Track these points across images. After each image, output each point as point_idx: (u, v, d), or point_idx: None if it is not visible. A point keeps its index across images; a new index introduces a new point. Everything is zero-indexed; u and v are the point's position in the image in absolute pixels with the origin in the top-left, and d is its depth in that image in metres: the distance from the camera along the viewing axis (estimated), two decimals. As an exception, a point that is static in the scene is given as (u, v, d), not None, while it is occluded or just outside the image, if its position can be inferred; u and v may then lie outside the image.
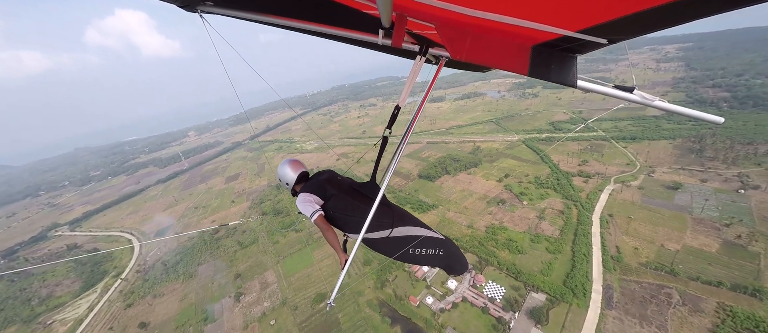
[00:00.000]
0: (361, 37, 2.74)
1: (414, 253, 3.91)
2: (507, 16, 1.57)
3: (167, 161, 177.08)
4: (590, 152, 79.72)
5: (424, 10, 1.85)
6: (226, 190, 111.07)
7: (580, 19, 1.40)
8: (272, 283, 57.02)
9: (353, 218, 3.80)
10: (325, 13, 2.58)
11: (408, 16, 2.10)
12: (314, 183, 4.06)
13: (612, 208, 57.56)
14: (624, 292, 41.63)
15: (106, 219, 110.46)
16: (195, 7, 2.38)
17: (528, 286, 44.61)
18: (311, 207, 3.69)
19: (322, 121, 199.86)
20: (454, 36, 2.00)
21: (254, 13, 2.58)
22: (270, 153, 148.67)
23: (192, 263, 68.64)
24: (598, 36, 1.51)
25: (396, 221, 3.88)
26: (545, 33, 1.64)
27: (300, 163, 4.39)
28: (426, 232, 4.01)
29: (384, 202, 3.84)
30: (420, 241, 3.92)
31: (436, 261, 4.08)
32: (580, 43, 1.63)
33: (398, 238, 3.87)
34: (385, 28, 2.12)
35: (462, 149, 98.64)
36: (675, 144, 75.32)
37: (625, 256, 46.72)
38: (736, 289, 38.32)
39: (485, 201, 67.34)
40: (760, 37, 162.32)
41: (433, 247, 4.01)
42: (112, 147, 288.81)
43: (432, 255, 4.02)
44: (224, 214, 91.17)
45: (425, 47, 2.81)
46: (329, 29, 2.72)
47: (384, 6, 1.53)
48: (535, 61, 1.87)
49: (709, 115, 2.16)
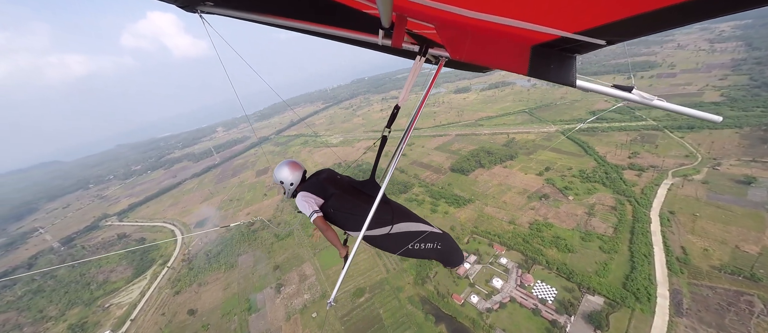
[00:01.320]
0: (361, 38, 2.73)
1: (414, 247, 3.97)
2: (506, 18, 1.58)
3: (200, 156, 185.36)
4: (640, 143, 73.53)
5: (424, 11, 1.86)
6: (258, 184, 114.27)
7: (578, 22, 1.42)
8: (310, 276, 57.80)
9: (354, 217, 3.85)
10: (325, 14, 2.57)
11: (408, 17, 2.11)
12: (314, 182, 4.15)
13: (672, 204, 52.67)
14: (695, 298, 37.90)
15: (149, 210, 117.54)
16: (195, 7, 2.36)
17: (582, 288, 41.85)
18: (310, 207, 3.79)
19: (344, 115, 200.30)
20: (453, 36, 2.01)
21: (254, 13, 2.56)
22: (296, 147, 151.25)
23: (232, 254, 71.24)
24: (597, 37, 1.54)
25: (396, 218, 3.94)
26: (544, 34, 1.66)
27: (298, 163, 4.42)
28: (425, 227, 4.08)
29: (384, 199, 3.83)
30: (418, 236, 3.98)
31: (434, 254, 4.18)
32: (579, 43, 1.65)
33: (398, 234, 3.93)
34: (385, 28, 2.11)
35: (495, 141, 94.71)
36: (742, 133, 67.58)
37: (693, 257, 42.54)
38: (837, 298, 33.66)
39: (525, 196, 64.11)
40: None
41: (431, 242, 4.06)
42: (148, 143, 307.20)
43: (431, 249, 4.08)
44: (257, 206, 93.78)
45: (425, 47, 2.82)
46: (329, 29, 2.70)
47: (384, 6, 1.54)
48: (534, 61, 1.87)
49: (707, 114, 2.14)
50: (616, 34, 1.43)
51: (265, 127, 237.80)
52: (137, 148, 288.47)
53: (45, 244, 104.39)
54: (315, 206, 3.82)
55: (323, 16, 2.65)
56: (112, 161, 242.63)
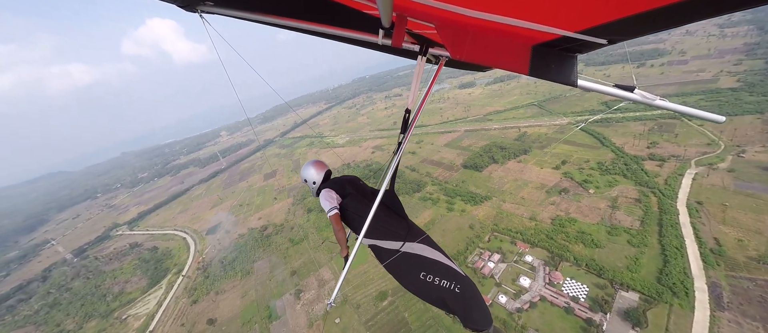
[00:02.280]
0: (361, 37, 2.72)
1: (424, 278, 3.61)
2: (507, 17, 1.58)
3: (206, 161, 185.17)
4: (659, 133, 71.96)
5: (424, 11, 1.87)
6: (267, 187, 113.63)
7: (579, 20, 1.41)
8: (329, 280, 56.95)
9: (363, 220, 3.60)
10: (325, 13, 2.58)
11: (408, 16, 2.10)
12: (336, 181, 4.28)
13: (699, 194, 51.25)
14: (735, 290, 36.62)
15: (159, 218, 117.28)
16: (195, 7, 2.36)
17: (615, 284, 40.66)
18: (329, 204, 3.84)
19: (348, 114, 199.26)
20: (454, 36, 2.01)
21: (254, 13, 2.56)
22: (302, 149, 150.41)
23: (247, 260, 70.57)
24: (598, 36, 1.53)
25: (411, 236, 3.74)
26: (545, 33, 1.66)
27: (322, 163, 4.52)
28: (444, 260, 3.74)
29: (401, 213, 3.82)
30: (433, 267, 3.64)
31: (450, 297, 3.60)
32: (579, 43, 1.64)
33: (409, 256, 3.69)
34: (385, 28, 2.11)
35: (506, 136, 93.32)
36: (765, 119, 65.85)
37: (727, 249, 41.19)
38: None
39: (544, 190, 62.84)
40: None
41: (448, 279, 3.59)
42: (153, 150, 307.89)
43: (446, 288, 3.58)
44: (269, 211, 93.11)
45: (425, 47, 2.82)
46: (329, 29, 2.71)
47: (384, 6, 1.55)
48: (535, 60, 1.87)
49: (710, 114, 2.12)
50: (617, 32, 1.43)
51: (268, 129, 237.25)
52: (142, 155, 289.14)
53: (58, 256, 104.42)
54: (334, 203, 3.84)
55: (324, 16, 2.63)
56: (118, 169, 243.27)
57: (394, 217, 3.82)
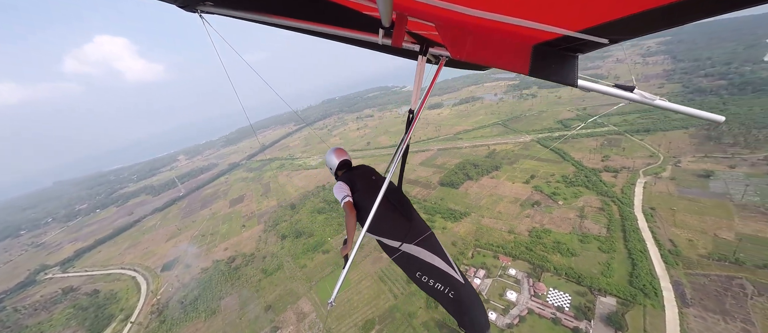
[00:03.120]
0: (361, 37, 2.73)
1: (420, 278, 3.86)
2: (508, 16, 1.58)
3: (160, 188, 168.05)
4: (609, 147, 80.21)
5: (425, 10, 1.87)
6: (233, 214, 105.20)
7: (581, 19, 1.41)
8: (310, 313, 52.52)
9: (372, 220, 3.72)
10: (325, 13, 2.58)
11: (408, 16, 2.11)
12: (348, 174, 4.38)
13: (651, 201, 57.00)
14: (695, 287, 40.17)
15: (102, 256, 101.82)
16: (195, 7, 2.36)
17: (594, 290, 42.53)
18: (341, 194, 3.97)
19: (320, 135, 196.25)
20: (454, 35, 2.01)
21: (254, 13, 2.56)
22: (272, 172, 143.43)
23: (212, 298, 62.96)
24: (600, 36, 1.53)
25: (410, 238, 3.86)
26: (546, 33, 1.66)
27: (343, 151, 4.68)
28: (441, 264, 3.90)
29: (407, 214, 3.97)
30: (430, 270, 3.85)
31: (443, 301, 3.92)
32: (581, 42, 1.64)
33: (407, 255, 3.88)
34: (386, 27, 2.12)
35: (477, 153, 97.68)
36: (690, 133, 76.83)
37: (682, 249, 45.60)
38: (809, 274, 37.56)
39: (518, 204, 65.69)
40: (736, 27, 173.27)
41: (442, 284, 3.84)
42: (94, 177, 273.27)
43: (439, 290, 3.85)
44: (236, 240, 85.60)
45: (425, 47, 2.81)
46: (329, 29, 2.72)
47: (384, 6, 1.55)
48: (535, 60, 1.87)
49: (710, 113, 2.17)
50: (618, 32, 1.43)
51: (233, 152, 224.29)
52: (81, 183, 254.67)
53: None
54: (346, 192, 3.97)
55: (324, 16, 2.61)
56: (50, 201, 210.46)
57: (398, 216, 3.93)
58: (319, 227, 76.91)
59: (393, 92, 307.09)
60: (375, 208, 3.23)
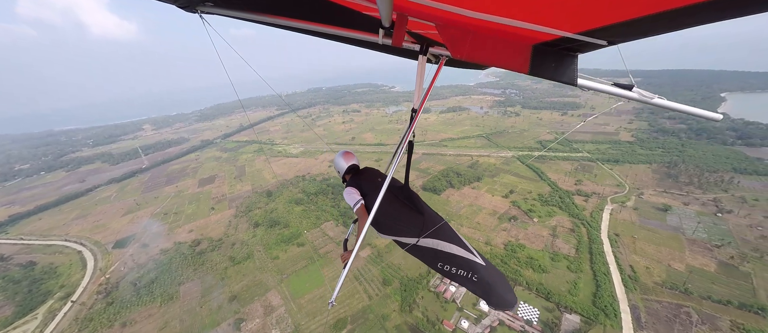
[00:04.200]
0: (361, 37, 2.74)
1: (442, 267, 3.97)
2: (507, 18, 1.60)
3: (120, 157, 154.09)
4: (582, 172, 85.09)
5: (425, 11, 1.89)
6: (202, 195, 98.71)
7: (580, 23, 1.44)
8: (278, 307, 50.25)
9: (385, 220, 3.94)
10: (325, 13, 2.58)
11: (408, 16, 2.13)
12: (355, 178, 4.39)
13: (616, 227, 61.06)
14: (649, 311, 43.41)
15: (42, 224, 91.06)
16: (195, 7, 2.39)
17: (560, 307, 44.56)
18: (353, 199, 4.02)
19: (303, 124, 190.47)
20: (454, 35, 2.03)
21: (254, 13, 2.56)
22: (248, 155, 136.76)
23: (171, 282, 58.32)
24: (598, 38, 1.57)
25: (426, 230, 3.93)
26: (545, 34, 1.69)
27: (351, 154, 4.67)
28: (459, 251, 3.98)
29: (418, 208, 4.06)
30: (449, 259, 3.94)
31: (467, 284, 4.04)
32: (580, 43, 1.67)
33: (425, 249, 3.96)
34: (386, 27, 2.14)
35: (460, 162, 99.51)
36: (653, 168, 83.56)
37: (640, 275, 49.18)
38: (743, 307, 41.97)
39: (496, 217, 67.60)
40: (699, 78, 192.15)
41: (464, 269, 3.96)
42: (42, 136, 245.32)
43: (462, 276, 3.97)
44: (203, 222, 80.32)
45: (426, 46, 2.82)
46: (330, 29, 2.72)
47: (384, 6, 1.57)
48: (535, 59, 1.90)
49: (707, 112, 2.19)
50: (617, 35, 1.47)
51: (207, 128, 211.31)
52: (25, 141, 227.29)
53: None
54: (358, 197, 3.99)
55: (324, 16, 2.62)
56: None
57: (411, 213, 4.00)
58: (296, 219, 74.20)
59: (382, 91, 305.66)
60: (376, 207, 3.22)
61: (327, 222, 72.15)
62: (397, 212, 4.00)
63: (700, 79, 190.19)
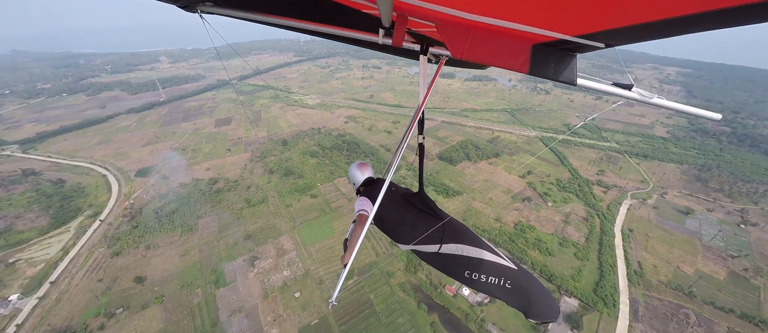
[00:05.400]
0: (361, 37, 2.80)
1: (470, 276, 3.65)
2: (505, 21, 1.63)
3: (139, 88, 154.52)
4: (606, 163, 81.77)
5: (424, 12, 1.92)
6: (218, 135, 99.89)
7: (577, 26, 1.47)
8: (290, 251, 53.00)
9: (403, 229, 3.86)
10: (325, 13, 2.61)
11: (408, 16, 2.15)
12: (370, 190, 4.23)
13: (631, 222, 60.01)
14: (648, 307, 44.20)
15: (68, 145, 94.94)
16: (195, 7, 2.41)
17: (561, 290, 45.66)
18: (358, 207, 3.87)
19: (321, 74, 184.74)
20: (454, 35, 2.05)
21: (254, 13, 2.59)
22: (264, 101, 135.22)
23: (190, 215, 61.53)
24: (596, 41, 1.61)
25: (447, 237, 3.74)
26: (545, 35, 1.73)
27: (367, 166, 4.58)
28: (487, 256, 3.68)
29: (436, 214, 3.87)
30: (478, 265, 3.63)
31: (501, 293, 3.64)
32: (578, 44, 1.72)
33: (448, 256, 3.74)
34: (386, 27, 2.17)
35: (480, 136, 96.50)
36: (682, 169, 79.54)
37: (646, 272, 49.31)
38: (744, 317, 42.25)
39: (510, 195, 66.96)
40: (750, 77, 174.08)
41: (496, 276, 3.62)
42: (62, 57, 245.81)
43: (493, 284, 3.61)
44: (219, 162, 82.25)
45: (426, 46, 2.89)
46: (330, 29, 2.74)
47: (384, 6, 1.60)
48: (535, 59, 1.91)
49: (706, 112, 2.20)
50: (614, 38, 1.50)
51: (223, 68, 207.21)
52: (45, 60, 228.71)
53: None
54: (364, 206, 3.84)
55: (324, 16, 2.64)
56: (7, 71, 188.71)
57: (429, 219, 3.83)
58: (310, 170, 75.10)
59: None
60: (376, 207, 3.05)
61: (340, 177, 72.89)
62: (415, 219, 3.83)
63: (755, 78, 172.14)
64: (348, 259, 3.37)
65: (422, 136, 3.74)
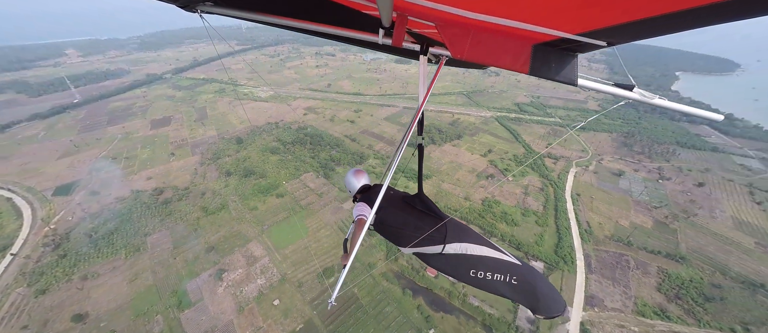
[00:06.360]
0: (361, 37, 2.81)
1: (476, 275, 3.65)
2: (506, 19, 1.63)
3: (41, 88, 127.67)
4: (553, 137, 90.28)
5: (424, 11, 1.92)
6: (157, 139, 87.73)
7: (579, 24, 1.47)
8: (261, 257, 49.35)
9: (404, 232, 3.83)
10: (325, 13, 2.61)
11: (408, 16, 2.15)
12: (367, 196, 4.25)
13: (578, 188, 67.53)
14: (598, 259, 50.61)
15: (-53, 165, 75.06)
16: (195, 7, 2.42)
17: (528, 256, 49.88)
18: (356, 213, 3.90)
19: (270, 64, 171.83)
20: (454, 35, 2.05)
21: (254, 12, 2.59)
22: (209, 95, 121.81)
23: (135, 233, 53.47)
24: (597, 39, 1.60)
25: (450, 236, 3.72)
26: (545, 34, 1.72)
27: (363, 173, 4.63)
28: (491, 252, 3.72)
29: (437, 213, 3.89)
30: (481, 263, 3.65)
31: (507, 290, 3.66)
32: (579, 43, 1.70)
33: (452, 256, 3.73)
34: (386, 27, 2.17)
35: (441, 119, 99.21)
36: (613, 137, 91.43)
37: (594, 229, 56.20)
38: (669, 256, 50.78)
39: (475, 174, 70.48)
40: (657, 54, 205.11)
41: (501, 273, 3.63)
42: None
43: (499, 281, 3.62)
44: (163, 169, 72.57)
45: (426, 46, 2.88)
46: (330, 29, 2.76)
47: (384, 6, 1.60)
48: (535, 59, 1.91)
49: (708, 113, 2.20)
50: (616, 36, 1.50)
51: (152, 60, 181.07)
52: None
53: None
54: (364, 212, 3.82)
55: (324, 16, 2.64)
56: None
57: (430, 220, 3.79)
58: (273, 168, 70.09)
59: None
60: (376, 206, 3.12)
61: (306, 173, 69.41)
62: (417, 221, 3.80)
63: (660, 55, 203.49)
64: (347, 261, 3.36)
65: (422, 136, 3.72)
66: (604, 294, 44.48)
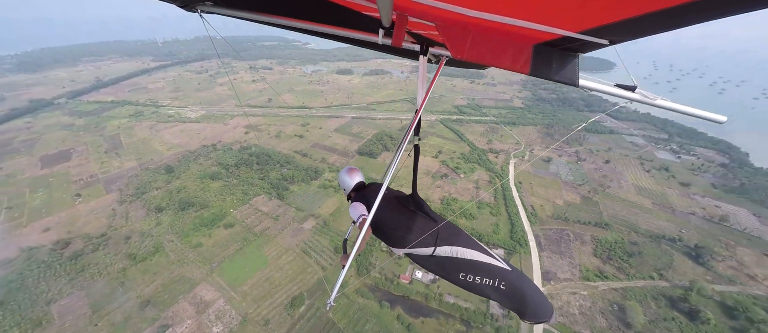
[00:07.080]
0: (361, 37, 2.91)
1: (465, 278, 3.67)
2: (508, 17, 1.64)
3: None
4: (491, 133, 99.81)
5: (425, 10, 1.93)
6: (53, 178, 70.85)
7: (581, 21, 1.47)
8: (214, 301, 42.86)
9: (397, 233, 3.89)
10: (325, 13, 2.69)
11: (408, 16, 2.20)
12: (362, 194, 4.34)
13: (519, 176, 75.45)
14: (545, 237, 56.87)
15: None
16: (195, 7, 2.45)
17: (490, 245, 53.37)
18: (356, 213, 3.90)
19: (198, 81, 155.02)
20: (454, 35, 2.09)
21: (254, 12, 2.67)
22: (122, 120, 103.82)
23: (33, 303, 41.41)
24: (600, 37, 1.60)
25: (442, 239, 3.74)
26: (546, 33, 1.73)
27: (356, 171, 4.68)
28: (480, 257, 3.71)
29: (430, 216, 4.00)
30: (471, 266, 3.66)
31: (495, 295, 3.69)
32: (581, 42, 1.72)
33: (443, 259, 3.74)
34: (386, 27, 2.21)
35: (390, 126, 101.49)
36: (538, 129, 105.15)
37: (538, 212, 63.17)
38: (596, 225, 59.77)
39: (430, 175, 73.41)
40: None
41: (489, 277, 3.62)
42: None
43: (488, 285, 3.61)
44: (65, 215, 58.75)
45: (426, 46, 2.96)
46: (330, 29, 2.87)
47: (384, 6, 1.62)
48: (536, 60, 1.96)
49: (711, 114, 2.17)
50: (619, 33, 1.48)
51: (37, 83, 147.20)
52: None
53: None
54: (362, 212, 3.83)
55: (324, 16, 2.66)
56: None
57: (423, 222, 3.84)
58: (216, 196, 62.26)
59: (294, 46, 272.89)
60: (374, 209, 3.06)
61: (257, 196, 63.43)
62: (410, 222, 3.82)
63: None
64: (346, 261, 3.32)
65: (418, 137, 3.79)
66: (556, 267, 49.93)
